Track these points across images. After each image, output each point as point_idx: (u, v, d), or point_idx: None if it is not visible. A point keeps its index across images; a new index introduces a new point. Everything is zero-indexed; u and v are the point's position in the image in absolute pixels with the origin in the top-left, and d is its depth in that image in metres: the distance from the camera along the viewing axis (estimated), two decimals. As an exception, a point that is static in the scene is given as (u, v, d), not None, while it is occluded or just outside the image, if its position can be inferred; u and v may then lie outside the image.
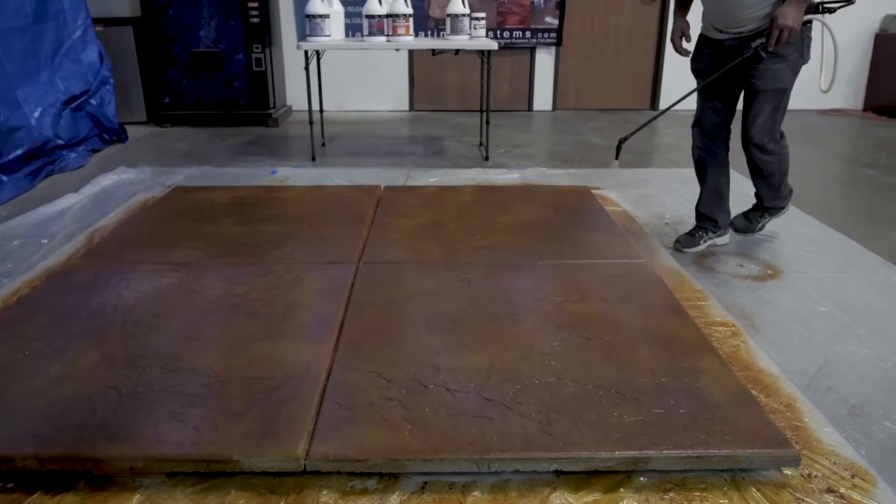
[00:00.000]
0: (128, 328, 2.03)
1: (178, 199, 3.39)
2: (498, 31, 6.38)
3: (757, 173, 3.06)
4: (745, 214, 3.22)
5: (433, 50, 4.51)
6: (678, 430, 1.58)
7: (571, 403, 1.67)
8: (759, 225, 3.18)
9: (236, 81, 5.71)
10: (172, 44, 5.61)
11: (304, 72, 4.45)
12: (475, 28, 4.59)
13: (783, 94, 2.87)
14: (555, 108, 6.81)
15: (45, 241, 3.08)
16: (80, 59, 4.67)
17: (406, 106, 6.72)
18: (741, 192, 3.36)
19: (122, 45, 5.62)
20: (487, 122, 4.65)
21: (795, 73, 2.86)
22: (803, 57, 2.85)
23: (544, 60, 6.64)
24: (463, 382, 1.76)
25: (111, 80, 4.97)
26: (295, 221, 3.01)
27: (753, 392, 1.79)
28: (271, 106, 5.82)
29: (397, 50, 4.59)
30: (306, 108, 6.30)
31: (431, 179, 4.16)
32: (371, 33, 4.48)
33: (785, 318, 2.41)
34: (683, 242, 3.10)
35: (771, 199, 3.16)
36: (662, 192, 3.94)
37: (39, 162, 4.12)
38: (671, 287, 2.44)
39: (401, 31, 4.40)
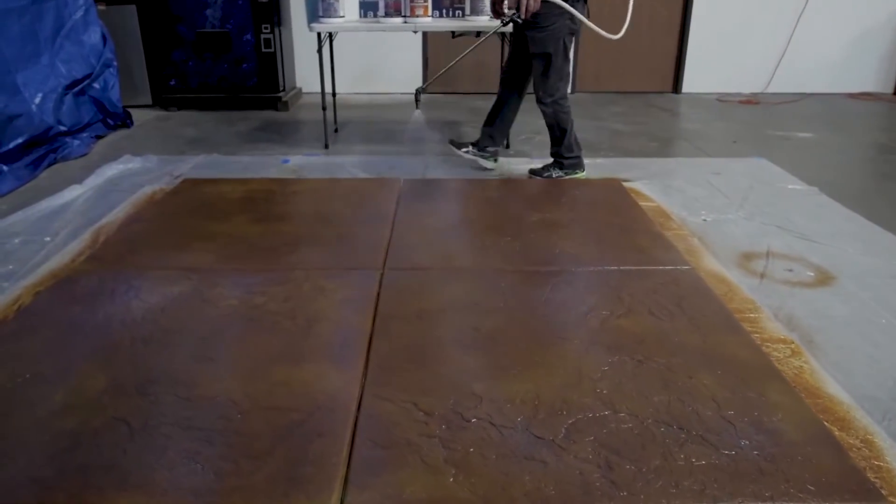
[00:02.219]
0: (137, 347, 1.86)
1: (187, 193, 3.21)
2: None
3: (547, 124, 3.64)
4: (543, 167, 3.72)
5: (453, 32, 4.28)
6: (754, 476, 1.41)
7: (632, 443, 1.50)
8: (549, 173, 3.66)
9: (244, 63, 5.48)
10: (178, 23, 5.37)
11: (313, 52, 4.23)
12: (496, 8, 4.34)
13: (549, 58, 3.35)
14: (573, 90, 6.56)
15: (48, 238, 2.90)
16: (82, 40, 4.45)
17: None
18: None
19: (126, 26, 5.38)
20: (509, 109, 4.43)
21: (559, 38, 3.32)
22: (567, 27, 3.31)
23: (563, 41, 6.39)
24: (509, 415, 1.59)
25: (115, 63, 4.75)
26: (311, 220, 2.83)
27: (826, 425, 1.62)
28: (281, 89, 5.59)
29: (415, 31, 4.37)
30: (316, 90, 6.07)
31: (448, 167, 3.97)
32: (387, 14, 4.25)
33: (845, 332, 2.22)
34: (454, 144, 3.85)
35: (555, 151, 3.65)
36: (694, 184, 3.72)
37: (41, 150, 3.92)
38: (720, 296, 2.26)
39: (419, 11, 4.17)
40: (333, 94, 4.94)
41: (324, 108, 4.40)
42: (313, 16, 4.25)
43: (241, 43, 5.42)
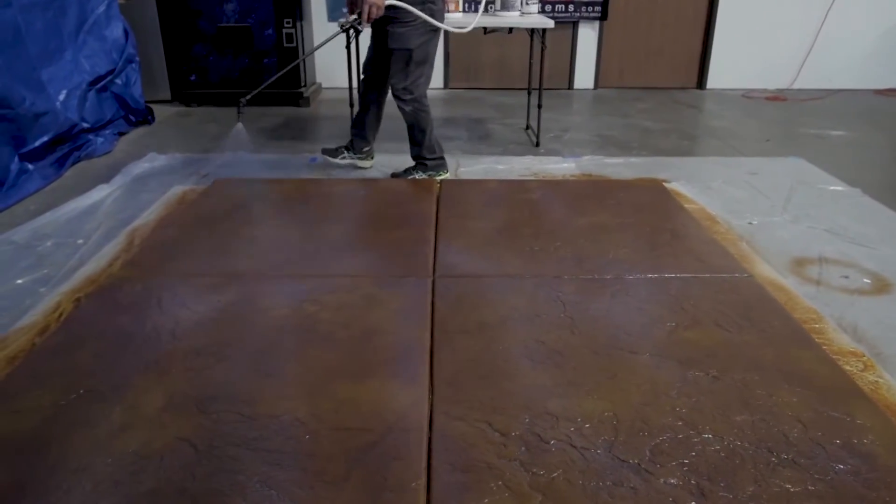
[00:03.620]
0: (191, 360, 1.80)
1: (220, 194, 3.13)
2: (539, 5, 6.01)
3: (406, 123, 3.47)
4: (405, 171, 3.60)
5: (484, 28, 4.19)
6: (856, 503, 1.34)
7: (721, 466, 1.43)
8: (413, 175, 3.55)
9: (266, 58, 5.39)
10: (198, 18, 5.29)
11: (333, 46, 4.12)
12: (527, 3, 4.26)
13: (410, 53, 3.26)
14: (596, 86, 6.47)
15: (81, 241, 2.84)
16: (105, 35, 4.37)
17: (440, 83, 6.38)
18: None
19: (146, 20, 5.30)
20: (539, 106, 4.34)
21: (421, 35, 3.25)
22: (426, 23, 3.23)
23: (587, 35, 6.28)
24: (589, 437, 1.52)
25: (137, 59, 4.67)
26: (352, 223, 2.76)
27: (917, 446, 1.55)
28: (302, 84, 5.51)
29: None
30: (335, 84, 5.99)
31: (481, 166, 3.90)
32: (416, 9, 4.15)
33: (912, 343, 2.15)
34: (328, 153, 3.72)
35: (416, 152, 3.53)
36: (734, 185, 3.64)
37: (66, 148, 3.85)
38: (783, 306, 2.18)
39: (450, 6, 4.09)
40: (360, 91, 4.84)
41: (351, 105, 4.32)
42: (334, 10, 4.16)
43: (262, 38, 5.34)
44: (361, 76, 3.64)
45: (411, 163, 3.60)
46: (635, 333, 1.94)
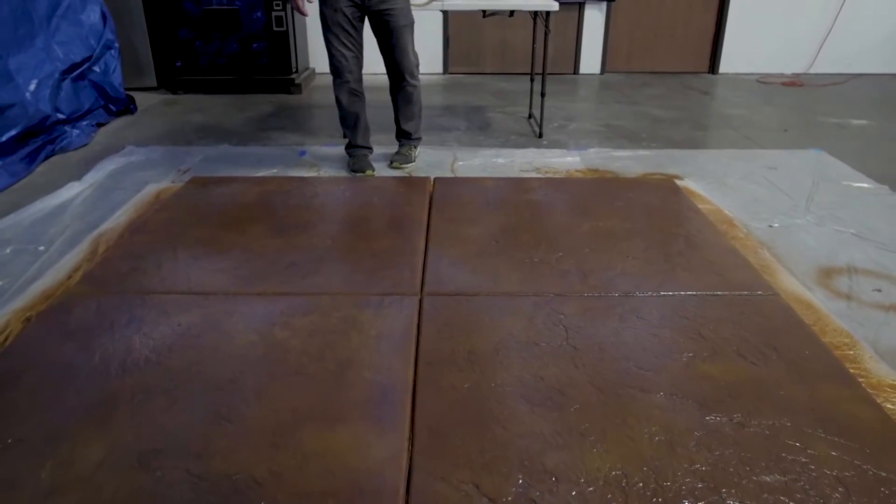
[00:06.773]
0: (139, 401, 1.57)
1: (196, 194, 2.90)
2: (543, -15, 5.71)
3: (408, 103, 3.37)
4: (399, 154, 3.48)
5: (483, 11, 3.91)
6: None
7: (751, 546, 1.21)
8: (416, 154, 3.53)
9: (255, 43, 5.12)
10: (183, 0, 5.02)
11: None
12: (530, -16, 3.97)
13: (413, 25, 3.20)
14: (603, 71, 6.17)
15: (42, 248, 2.62)
16: (81, 20, 4.11)
17: (440, 69, 6.10)
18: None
19: (127, 2, 5.02)
20: (543, 94, 4.07)
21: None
22: None
23: (594, 17, 5.97)
24: (593, 503, 1.29)
25: (116, 44, 4.41)
26: (335, 229, 2.53)
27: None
28: (294, 70, 5.24)
29: (443, 11, 3.98)
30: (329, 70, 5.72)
31: (479, 160, 3.65)
32: (411, -10, 3.87)
33: (959, 371, 1.91)
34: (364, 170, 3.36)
35: (416, 128, 3.48)
36: (751, 181, 3.39)
37: (38, 141, 3.62)
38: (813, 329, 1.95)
39: (447, -12, 3.81)
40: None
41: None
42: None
43: (251, 21, 5.07)
44: (348, 88, 3.26)
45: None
46: (647, 366, 1.71)
